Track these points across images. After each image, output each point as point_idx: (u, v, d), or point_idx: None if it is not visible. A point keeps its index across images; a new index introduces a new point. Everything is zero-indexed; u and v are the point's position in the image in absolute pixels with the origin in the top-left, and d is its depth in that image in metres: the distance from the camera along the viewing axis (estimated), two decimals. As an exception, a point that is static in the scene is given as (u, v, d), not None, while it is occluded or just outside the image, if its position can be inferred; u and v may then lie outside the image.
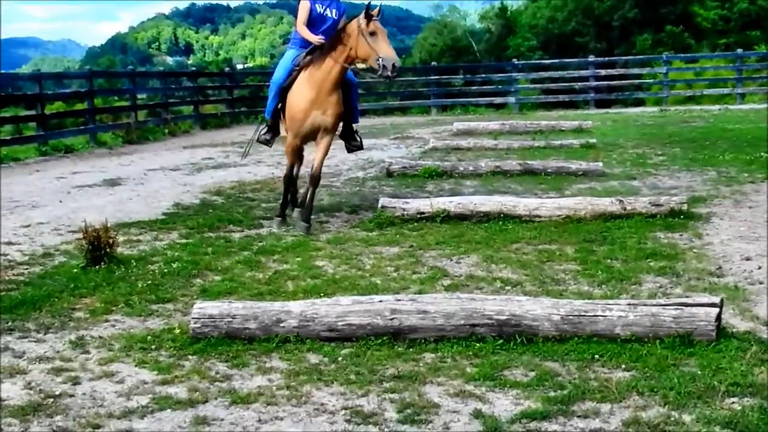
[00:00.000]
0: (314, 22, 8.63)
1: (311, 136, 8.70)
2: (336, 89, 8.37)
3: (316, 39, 8.48)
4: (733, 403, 4.15)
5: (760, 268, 6.61)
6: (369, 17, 8.11)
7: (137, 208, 9.99)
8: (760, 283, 6.23)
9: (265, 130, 9.17)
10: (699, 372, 4.47)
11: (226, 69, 38.01)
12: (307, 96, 8.39)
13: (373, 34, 8.11)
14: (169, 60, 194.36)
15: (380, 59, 8.04)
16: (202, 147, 17.63)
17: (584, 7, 48.11)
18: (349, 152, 9.73)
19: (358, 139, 9.25)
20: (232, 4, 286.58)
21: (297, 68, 8.60)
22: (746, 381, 4.35)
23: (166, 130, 20.95)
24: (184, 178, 12.69)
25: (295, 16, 8.82)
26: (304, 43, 8.69)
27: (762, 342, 4.92)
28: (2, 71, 38.52)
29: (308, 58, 8.54)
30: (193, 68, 47.03)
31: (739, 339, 4.96)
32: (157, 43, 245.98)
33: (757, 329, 5.20)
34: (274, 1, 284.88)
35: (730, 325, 5.20)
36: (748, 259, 6.93)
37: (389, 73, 8.06)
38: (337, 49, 8.31)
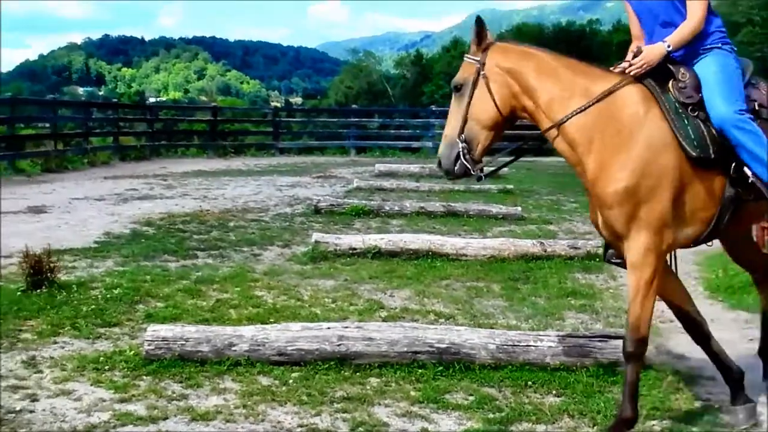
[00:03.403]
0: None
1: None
2: None
3: None
4: (654, 425, 4.59)
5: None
6: None
7: (67, 235, 10.00)
8: (671, 321, 6.73)
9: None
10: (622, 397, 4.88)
11: (149, 101, 37.75)
12: None
13: None
14: (80, 90, 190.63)
15: None
16: (123, 178, 17.59)
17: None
18: None
19: None
20: (147, 38, 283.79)
21: None
22: (664, 406, 4.83)
23: (86, 160, 20.80)
24: (110, 207, 12.71)
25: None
26: None
27: (677, 372, 5.39)
28: None
29: None
30: (115, 100, 46.38)
31: (656, 369, 5.42)
32: (67, 73, 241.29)
33: (670, 362, 5.67)
34: (190, 37, 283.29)
35: (647, 358, 5.65)
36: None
37: None
38: None
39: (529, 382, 5.14)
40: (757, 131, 4.20)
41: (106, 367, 5.20)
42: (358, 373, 5.23)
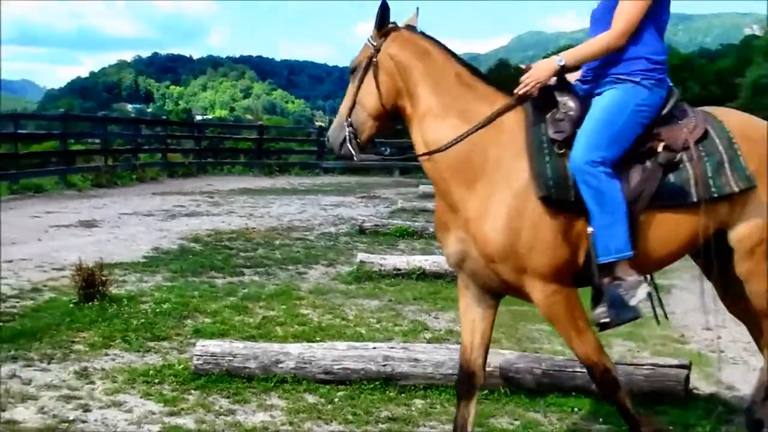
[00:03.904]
0: None
1: None
2: None
3: None
4: (703, 456, 4.54)
5: (719, 338, 7.05)
6: None
7: (117, 250, 10.18)
8: (721, 351, 6.66)
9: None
10: (671, 428, 4.85)
11: (196, 118, 38.35)
12: None
13: None
14: (129, 107, 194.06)
15: None
16: (171, 194, 17.84)
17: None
18: None
19: None
20: (195, 56, 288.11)
21: None
22: (714, 438, 4.76)
23: (135, 176, 21.14)
24: (159, 223, 12.90)
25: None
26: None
27: (727, 404, 5.33)
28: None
29: None
30: (163, 117, 47.23)
31: (705, 400, 5.36)
32: (117, 90, 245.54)
33: (720, 393, 5.60)
34: (237, 56, 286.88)
35: (696, 388, 5.60)
36: (708, 329, 7.37)
37: None
38: None
39: (575, 409, 5.12)
40: (604, 190, 3.72)
41: (156, 380, 5.29)
42: (403, 394, 5.26)
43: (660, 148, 3.89)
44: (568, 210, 3.79)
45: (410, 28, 4.15)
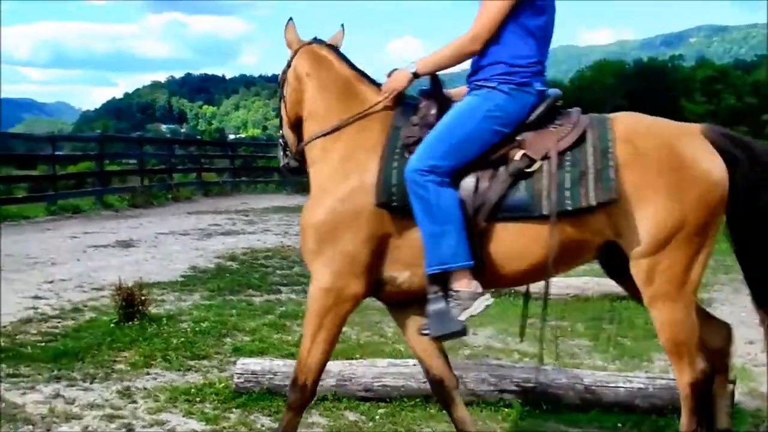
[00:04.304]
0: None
1: None
2: None
3: None
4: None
5: (763, 351, 6.93)
6: None
7: (154, 269, 10.27)
8: (764, 365, 6.55)
9: None
10: (716, 443, 4.77)
11: (229, 138, 38.68)
12: None
13: None
14: (163, 127, 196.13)
15: None
16: (206, 213, 18.00)
17: (576, 96, 49.34)
18: None
19: None
20: (228, 75, 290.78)
21: None
22: (762, 454, 4.68)
23: (170, 196, 21.35)
24: (195, 242, 13.01)
25: None
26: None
27: (773, 419, 5.25)
28: (20, 133, 38.81)
29: None
30: (197, 137, 47.73)
31: (751, 415, 5.28)
32: (151, 110, 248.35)
33: (765, 407, 5.51)
34: (269, 75, 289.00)
35: (740, 402, 5.52)
36: (751, 342, 7.26)
37: None
38: None
39: (618, 424, 5.06)
40: (431, 199, 3.62)
41: (197, 399, 5.31)
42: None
43: (518, 156, 3.71)
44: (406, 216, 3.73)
45: (322, 42, 4.24)
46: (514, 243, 3.72)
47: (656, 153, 3.65)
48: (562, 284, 9.01)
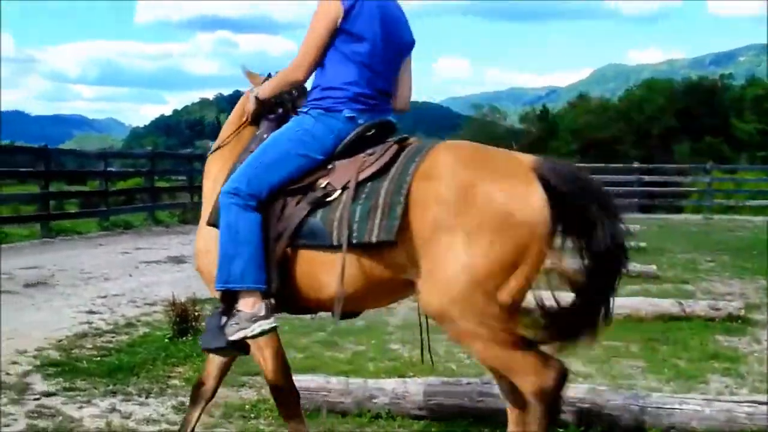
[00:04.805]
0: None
1: None
2: None
3: None
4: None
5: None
6: None
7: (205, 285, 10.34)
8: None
9: None
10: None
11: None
12: None
13: None
14: (211, 144, 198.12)
15: None
16: (255, 230, 18.12)
17: (625, 115, 49.04)
18: None
19: None
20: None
21: None
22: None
23: (219, 212, 21.55)
24: (245, 259, 13.09)
25: None
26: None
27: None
28: (71, 149, 39.39)
29: None
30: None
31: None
32: (200, 127, 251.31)
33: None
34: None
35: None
36: None
37: None
38: None
39: (676, 448, 4.98)
40: (231, 222, 3.72)
41: (252, 415, 5.35)
42: (498, 430, 5.19)
43: (324, 184, 3.72)
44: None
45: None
46: (311, 271, 3.72)
47: (457, 192, 3.39)
48: (615, 304, 8.90)
